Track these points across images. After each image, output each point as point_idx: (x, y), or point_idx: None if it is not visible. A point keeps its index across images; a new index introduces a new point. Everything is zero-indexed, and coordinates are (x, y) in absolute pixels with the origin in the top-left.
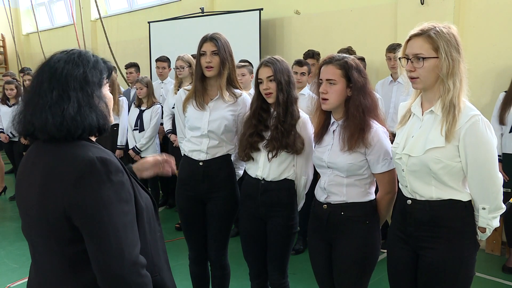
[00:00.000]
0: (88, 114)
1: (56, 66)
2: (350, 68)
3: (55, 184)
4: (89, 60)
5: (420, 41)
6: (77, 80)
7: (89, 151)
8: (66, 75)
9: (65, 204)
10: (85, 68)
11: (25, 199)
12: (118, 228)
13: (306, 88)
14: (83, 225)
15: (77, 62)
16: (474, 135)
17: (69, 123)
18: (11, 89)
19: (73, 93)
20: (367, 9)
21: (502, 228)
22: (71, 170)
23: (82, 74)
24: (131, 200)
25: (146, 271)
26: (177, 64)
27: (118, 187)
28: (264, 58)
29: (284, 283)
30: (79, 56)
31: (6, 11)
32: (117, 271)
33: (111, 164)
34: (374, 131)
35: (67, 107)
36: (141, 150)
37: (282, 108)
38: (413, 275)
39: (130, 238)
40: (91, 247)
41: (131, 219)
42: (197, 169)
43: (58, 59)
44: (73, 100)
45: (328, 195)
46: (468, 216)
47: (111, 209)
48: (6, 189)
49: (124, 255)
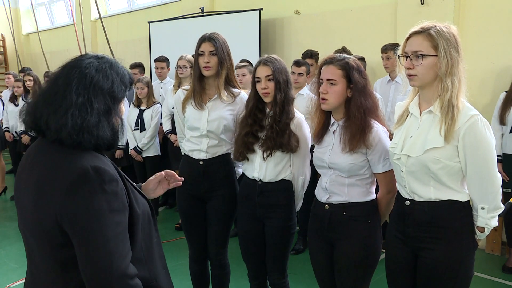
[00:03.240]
0: (105, 129)
1: (86, 72)
2: (351, 69)
3: (48, 189)
4: (118, 73)
5: (420, 39)
6: (104, 93)
7: (84, 159)
8: (95, 84)
9: (56, 211)
10: (114, 82)
11: (22, 199)
12: (108, 239)
13: (305, 88)
14: (73, 234)
15: (108, 74)
16: (473, 135)
17: (85, 134)
18: (18, 86)
19: (97, 105)
20: (367, 9)
21: (502, 228)
22: (65, 177)
23: (110, 89)
24: (124, 209)
25: (137, 280)
26: (180, 63)
27: (111, 197)
28: (262, 57)
29: (284, 283)
30: (110, 67)
31: (6, 11)
32: (105, 282)
33: (105, 173)
34: (375, 132)
35: (89, 118)
36: (143, 149)
37: (279, 108)
38: (412, 276)
39: (120, 249)
40: (80, 256)
41: (122, 230)
42: (197, 168)
43: (89, 64)
44: (95, 113)
45: (330, 195)
46: (466, 216)
47: (102, 220)
48: (7, 189)
49: (113, 266)
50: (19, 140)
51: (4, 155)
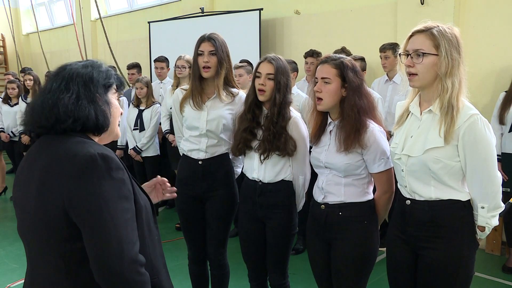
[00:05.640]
0: (85, 106)
1: (67, 68)
2: (345, 68)
3: (54, 179)
4: (100, 66)
5: (422, 37)
6: (81, 77)
7: (91, 147)
8: (73, 72)
9: (64, 199)
10: (93, 69)
11: (23, 197)
12: (118, 224)
13: (294, 87)
14: (83, 221)
15: (87, 65)
16: (473, 135)
17: (60, 110)
18: (13, 88)
19: (75, 87)
20: (367, 9)
21: (502, 228)
22: (72, 165)
23: (88, 74)
24: (131, 198)
25: (145, 270)
26: (178, 64)
27: (119, 183)
28: (269, 55)
29: (284, 284)
30: (92, 62)
31: (6, 11)
32: (117, 268)
33: (112, 160)
34: (370, 131)
35: (63, 96)
36: (142, 149)
37: (277, 109)
38: (412, 275)
39: (130, 235)
40: (90, 243)
41: (131, 217)
42: (196, 168)
43: (74, 63)
44: (72, 92)
45: (325, 195)
46: (467, 216)
47: (111, 205)
48: (7, 189)
49: (124, 252)
50: (18, 141)
51: (4, 155)
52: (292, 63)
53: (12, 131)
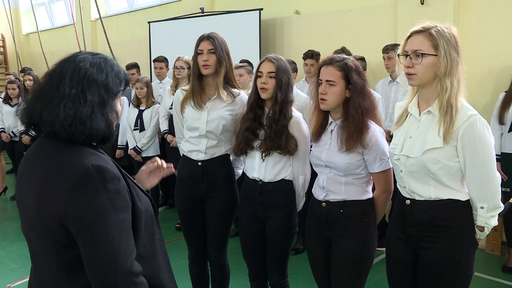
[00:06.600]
0: (98, 121)
1: (80, 65)
2: (350, 70)
3: (51, 190)
4: (113, 68)
5: (421, 38)
6: (98, 85)
7: (86, 158)
8: (89, 77)
9: (60, 211)
10: (108, 75)
11: (25, 200)
12: (113, 237)
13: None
14: (78, 234)
15: (102, 68)
16: (472, 135)
17: (77, 125)
18: (13, 88)
19: (90, 97)
20: (367, 9)
21: (502, 228)
22: (67, 177)
23: (104, 81)
24: (127, 207)
25: (142, 278)
26: (177, 65)
27: (114, 195)
28: (270, 55)
29: (284, 284)
30: (105, 62)
31: (6, 11)
32: (112, 280)
33: (106, 172)
34: (372, 132)
35: (81, 109)
36: (142, 149)
37: (278, 107)
38: (412, 275)
39: (125, 247)
40: (85, 256)
41: (126, 227)
42: (196, 169)
43: (84, 58)
44: (88, 104)
45: (327, 193)
46: (466, 216)
47: (106, 218)
48: (7, 189)
49: (118, 264)
50: (19, 141)
51: (4, 155)
52: (292, 63)
53: (13, 131)
